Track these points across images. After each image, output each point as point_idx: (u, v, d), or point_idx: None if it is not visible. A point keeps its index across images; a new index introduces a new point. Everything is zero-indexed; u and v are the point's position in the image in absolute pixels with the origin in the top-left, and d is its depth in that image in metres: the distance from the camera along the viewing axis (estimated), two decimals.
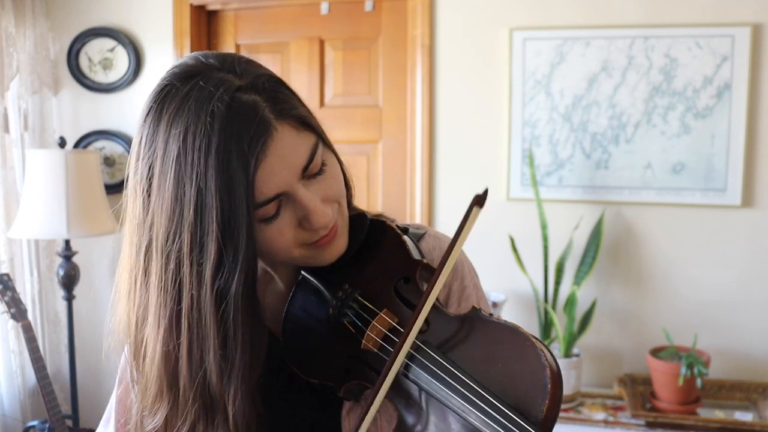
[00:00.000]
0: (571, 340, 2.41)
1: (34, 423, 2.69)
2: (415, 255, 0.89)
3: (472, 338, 0.80)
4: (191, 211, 0.74)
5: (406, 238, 0.90)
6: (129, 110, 3.02)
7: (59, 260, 2.85)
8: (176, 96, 0.76)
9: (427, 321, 0.82)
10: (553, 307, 2.51)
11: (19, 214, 2.68)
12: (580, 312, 2.49)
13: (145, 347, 0.81)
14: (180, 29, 2.93)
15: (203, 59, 0.79)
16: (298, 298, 0.90)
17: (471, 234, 0.81)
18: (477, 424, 0.73)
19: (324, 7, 2.87)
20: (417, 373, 0.78)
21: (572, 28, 2.54)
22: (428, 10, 2.67)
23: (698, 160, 2.48)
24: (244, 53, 3.03)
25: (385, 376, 0.77)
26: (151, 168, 0.77)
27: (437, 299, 0.84)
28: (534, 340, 0.75)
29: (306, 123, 0.79)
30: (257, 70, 0.79)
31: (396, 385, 0.80)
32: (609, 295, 2.61)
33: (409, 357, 0.79)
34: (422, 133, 2.72)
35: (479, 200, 0.78)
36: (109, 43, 3.00)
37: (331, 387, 0.84)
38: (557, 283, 2.53)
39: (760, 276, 2.49)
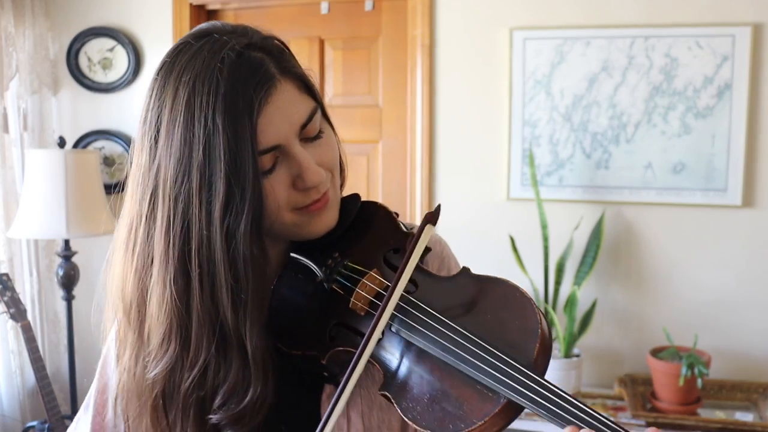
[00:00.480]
0: (571, 341, 2.41)
1: (34, 423, 2.69)
2: (405, 230, 0.91)
3: (461, 293, 0.83)
4: (200, 151, 0.77)
5: (396, 215, 0.93)
6: (128, 110, 3.02)
7: (59, 260, 2.84)
8: (189, 50, 0.81)
9: (415, 282, 0.85)
10: (554, 308, 2.50)
11: (19, 214, 2.67)
12: (580, 312, 2.48)
13: (150, 293, 0.82)
14: (179, 29, 2.93)
15: (218, 23, 0.84)
16: (285, 278, 0.91)
17: (471, 234, 0.82)
18: (471, 370, 0.75)
19: (324, 7, 2.87)
20: (407, 326, 0.80)
21: (572, 27, 2.54)
22: (428, 10, 2.66)
23: (699, 160, 2.48)
24: None
25: (374, 329, 0.78)
26: (160, 115, 0.80)
27: (425, 266, 0.88)
28: (522, 290, 0.78)
29: (308, 86, 0.85)
30: (267, 35, 0.85)
31: (384, 341, 0.81)
32: (609, 295, 2.60)
33: (399, 311, 0.81)
34: (422, 133, 2.71)
35: (431, 218, 0.84)
36: (108, 42, 3.00)
37: (314, 357, 0.84)
38: (557, 283, 2.53)
39: (760, 276, 2.48)
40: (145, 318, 0.83)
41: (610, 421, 0.71)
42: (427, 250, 0.89)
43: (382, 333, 0.81)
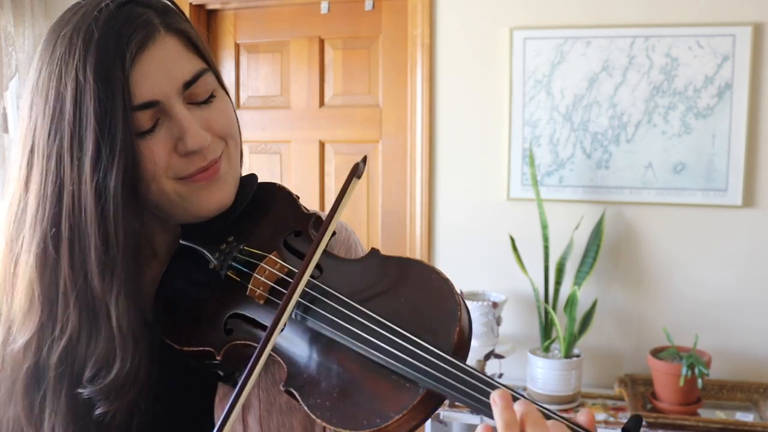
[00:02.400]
0: (571, 341, 2.40)
1: None
2: (307, 212, 0.85)
3: (371, 277, 0.76)
4: (70, 104, 0.73)
5: (297, 197, 0.87)
6: None
7: None
8: (74, 9, 0.79)
9: (319, 267, 0.78)
10: (554, 308, 2.50)
11: None
12: (580, 312, 2.48)
13: (18, 258, 0.77)
14: None
15: None
16: (174, 267, 0.84)
17: (471, 234, 0.80)
18: (386, 359, 0.68)
19: (324, 7, 2.87)
20: (313, 313, 0.73)
21: (573, 27, 2.54)
22: (428, 10, 2.66)
23: (699, 159, 2.48)
24: (243, 53, 3.03)
25: (279, 318, 0.70)
26: (39, 72, 0.77)
27: (330, 252, 0.81)
28: (438, 270, 0.72)
29: (196, 47, 0.80)
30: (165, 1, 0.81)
31: (287, 332, 0.74)
32: (610, 296, 2.60)
33: (303, 297, 0.74)
34: (422, 133, 2.71)
35: (357, 170, 0.77)
36: None
37: (208, 353, 0.77)
38: (558, 283, 2.52)
39: (761, 276, 2.48)
40: (13, 285, 0.78)
41: (542, 405, 0.66)
42: (332, 234, 0.81)
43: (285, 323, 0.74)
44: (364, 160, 0.78)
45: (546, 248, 2.50)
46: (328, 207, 3.01)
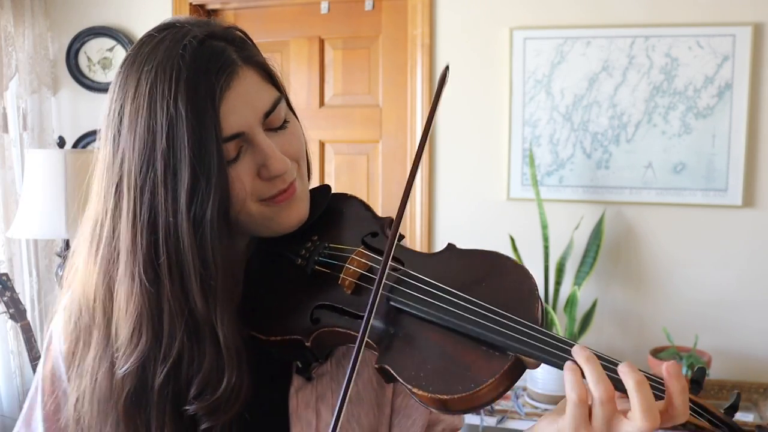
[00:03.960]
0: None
1: None
2: (380, 216, 0.90)
3: (450, 266, 0.82)
4: (163, 138, 0.76)
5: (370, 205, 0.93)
6: None
7: (58, 260, 2.84)
8: (151, 42, 0.81)
9: (400, 261, 0.84)
10: (554, 308, 2.50)
11: (18, 214, 2.67)
12: (580, 312, 2.48)
13: (117, 287, 0.80)
14: None
15: (180, 17, 0.86)
16: (253, 268, 0.89)
17: (471, 234, 0.83)
18: (477, 330, 0.74)
19: (324, 7, 2.87)
20: (404, 295, 0.79)
21: (573, 27, 2.54)
22: (428, 10, 2.66)
23: (699, 159, 2.48)
24: None
25: (374, 301, 0.76)
26: (122, 106, 0.79)
27: (407, 248, 0.87)
28: (512, 258, 0.80)
29: (271, 76, 0.85)
30: (229, 26, 0.85)
31: (377, 315, 0.79)
32: (610, 296, 2.60)
33: (393, 281, 0.80)
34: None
35: (444, 77, 0.84)
36: (108, 42, 3.00)
37: (297, 341, 0.82)
38: (558, 283, 2.52)
39: (760, 276, 2.48)
40: (112, 314, 0.81)
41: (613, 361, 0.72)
42: (400, 236, 0.89)
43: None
44: (448, 67, 0.85)
45: (546, 248, 2.51)
46: None
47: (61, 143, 2.78)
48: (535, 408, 2.40)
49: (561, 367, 0.71)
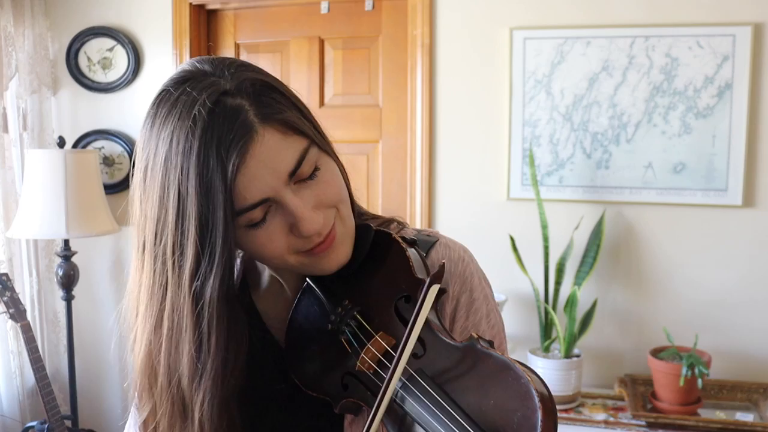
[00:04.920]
0: (571, 341, 2.41)
1: (33, 424, 2.68)
2: (419, 273, 0.85)
3: (467, 370, 0.78)
4: (173, 214, 0.76)
5: (411, 252, 0.87)
6: (128, 110, 3.02)
7: (58, 260, 2.84)
8: (168, 101, 0.77)
9: (424, 346, 0.80)
10: (554, 308, 2.50)
11: (18, 214, 2.67)
12: (580, 312, 2.48)
13: (135, 344, 0.84)
14: (179, 28, 2.93)
15: (198, 64, 0.80)
16: (302, 306, 0.90)
17: (471, 234, 0.81)
18: None
19: (324, 7, 2.87)
20: (410, 403, 0.77)
21: (573, 27, 2.54)
22: (428, 10, 2.66)
23: (699, 159, 2.48)
24: (243, 53, 3.03)
25: (380, 405, 0.76)
26: (144, 170, 0.79)
27: (439, 321, 0.84)
28: (529, 377, 0.73)
29: (294, 127, 0.77)
30: (247, 73, 0.78)
31: (389, 411, 0.78)
32: (610, 296, 2.60)
33: (403, 385, 0.77)
34: (422, 133, 2.71)
35: (436, 279, 0.78)
36: (108, 42, 3.00)
37: (327, 403, 0.84)
38: (558, 283, 2.52)
39: (761, 276, 2.48)
40: (134, 366, 0.86)
41: None
42: (441, 291, 0.83)
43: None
44: (443, 266, 0.80)
45: (546, 248, 2.51)
46: None
47: (61, 143, 2.78)
48: None
49: None
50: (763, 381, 2.45)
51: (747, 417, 2.31)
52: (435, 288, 0.79)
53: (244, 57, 3.03)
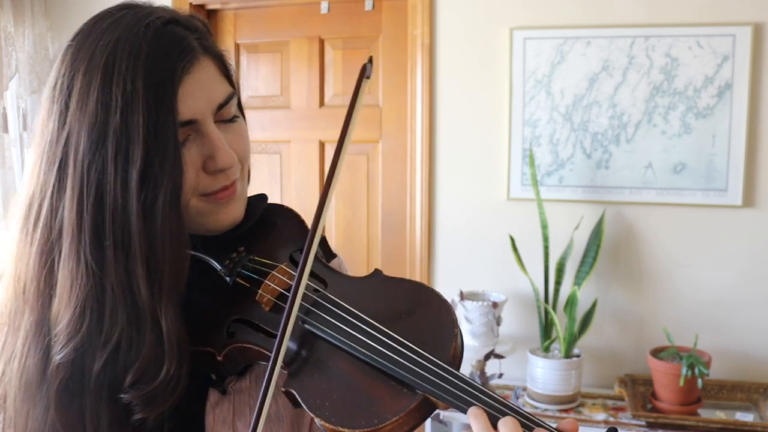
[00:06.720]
0: (571, 341, 2.41)
1: None
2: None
3: (374, 294, 0.80)
4: (117, 116, 0.72)
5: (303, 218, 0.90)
6: None
7: None
8: (110, 18, 0.78)
9: (324, 281, 0.83)
10: (554, 308, 2.50)
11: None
12: (580, 312, 2.48)
13: (59, 268, 0.76)
14: None
15: (140, 0, 0.83)
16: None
17: (471, 234, 0.81)
18: (387, 365, 0.72)
19: (324, 7, 2.87)
20: (318, 319, 0.77)
21: (573, 27, 2.54)
22: (428, 10, 2.66)
23: (699, 159, 2.48)
24: (243, 53, 3.03)
25: (287, 320, 0.74)
26: (72, 80, 0.75)
27: (333, 268, 0.86)
28: (437, 292, 0.77)
29: (228, 73, 0.84)
30: (191, 14, 0.84)
31: (292, 336, 0.77)
32: (610, 296, 2.60)
33: (311, 304, 0.78)
34: (422, 133, 2.71)
35: (365, 71, 0.81)
36: None
37: (209, 354, 0.80)
38: (558, 283, 2.52)
39: (761, 276, 2.48)
40: (50, 298, 0.77)
41: (527, 413, 0.70)
42: (333, 255, 0.89)
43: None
44: (371, 60, 0.82)
45: (546, 248, 2.50)
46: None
47: None
48: (535, 408, 2.40)
49: (465, 412, 0.69)
50: (763, 381, 2.45)
51: (747, 417, 2.31)
52: (366, 83, 0.81)
53: (244, 57, 3.03)
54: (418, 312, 0.77)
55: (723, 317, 2.51)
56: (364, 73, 0.80)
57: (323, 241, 0.90)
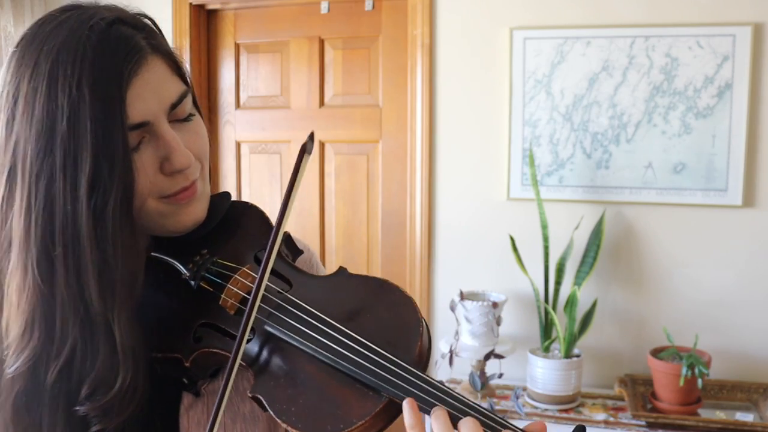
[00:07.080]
0: (571, 341, 2.41)
1: None
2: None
3: (338, 292, 0.80)
4: (64, 122, 0.71)
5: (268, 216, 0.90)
6: None
7: None
8: (53, 21, 0.76)
9: (288, 281, 0.82)
10: (554, 308, 2.50)
11: None
12: (580, 312, 2.48)
13: (8, 280, 0.75)
14: (179, 28, 2.93)
15: (85, 0, 0.81)
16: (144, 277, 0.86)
17: (471, 234, 0.81)
18: (351, 368, 0.72)
19: (324, 7, 2.87)
20: (281, 322, 0.76)
21: (573, 27, 2.54)
22: (428, 10, 2.66)
23: (699, 159, 2.48)
24: (243, 53, 3.03)
25: (247, 323, 0.73)
26: (18, 87, 0.74)
27: (298, 267, 0.85)
28: (402, 289, 0.77)
29: (179, 71, 0.82)
30: (138, 12, 0.81)
31: (256, 340, 0.77)
32: (610, 296, 2.60)
33: (273, 307, 0.77)
34: (422, 133, 2.71)
35: (306, 147, 0.80)
36: None
37: (177, 360, 0.79)
38: (558, 283, 2.52)
39: (761, 276, 2.48)
40: (1, 310, 0.76)
41: (492, 413, 0.70)
42: (299, 252, 0.88)
43: (254, 331, 0.77)
44: (311, 136, 0.81)
45: (546, 248, 2.51)
46: (328, 207, 3.00)
47: None
48: (535, 408, 2.40)
49: (429, 413, 0.69)
50: (763, 381, 2.45)
51: (747, 417, 2.31)
52: (307, 159, 0.80)
53: (244, 57, 3.03)
54: (382, 311, 0.77)
55: (723, 317, 2.51)
56: (304, 150, 0.79)
57: (288, 239, 0.89)
